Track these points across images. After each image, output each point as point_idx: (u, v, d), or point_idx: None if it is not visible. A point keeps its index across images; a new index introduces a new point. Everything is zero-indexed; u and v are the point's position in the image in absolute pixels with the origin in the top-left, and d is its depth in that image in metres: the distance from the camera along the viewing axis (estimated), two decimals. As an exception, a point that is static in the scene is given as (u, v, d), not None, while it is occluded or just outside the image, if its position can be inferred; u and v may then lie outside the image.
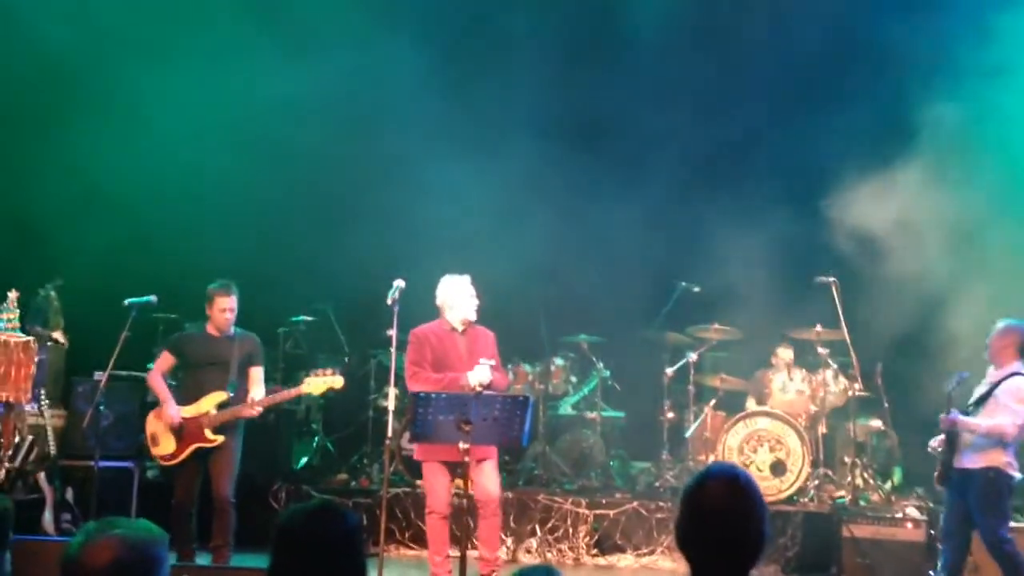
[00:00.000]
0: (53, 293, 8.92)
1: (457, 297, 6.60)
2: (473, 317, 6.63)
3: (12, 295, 8.18)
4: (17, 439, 7.85)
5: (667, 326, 9.26)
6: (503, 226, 9.74)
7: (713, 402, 9.13)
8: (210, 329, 6.85)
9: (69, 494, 7.86)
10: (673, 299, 9.26)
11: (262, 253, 9.70)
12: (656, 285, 9.55)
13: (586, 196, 10.15)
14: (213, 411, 6.65)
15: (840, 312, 8.42)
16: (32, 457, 7.87)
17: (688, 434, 9.11)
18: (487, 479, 6.38)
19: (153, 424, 6.79)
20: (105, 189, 9.41)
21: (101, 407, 6.93)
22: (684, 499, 2.75)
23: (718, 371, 9.30)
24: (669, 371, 9.13)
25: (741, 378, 9.29)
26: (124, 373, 7.70)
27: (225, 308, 6.76)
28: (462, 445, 5.35)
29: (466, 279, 6.71)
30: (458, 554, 5.42)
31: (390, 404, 6.99)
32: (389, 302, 6.43)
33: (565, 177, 10.12)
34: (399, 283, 6.47)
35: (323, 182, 9.86)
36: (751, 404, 9.00)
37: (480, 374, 6.35)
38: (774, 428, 8.38)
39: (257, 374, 6.88)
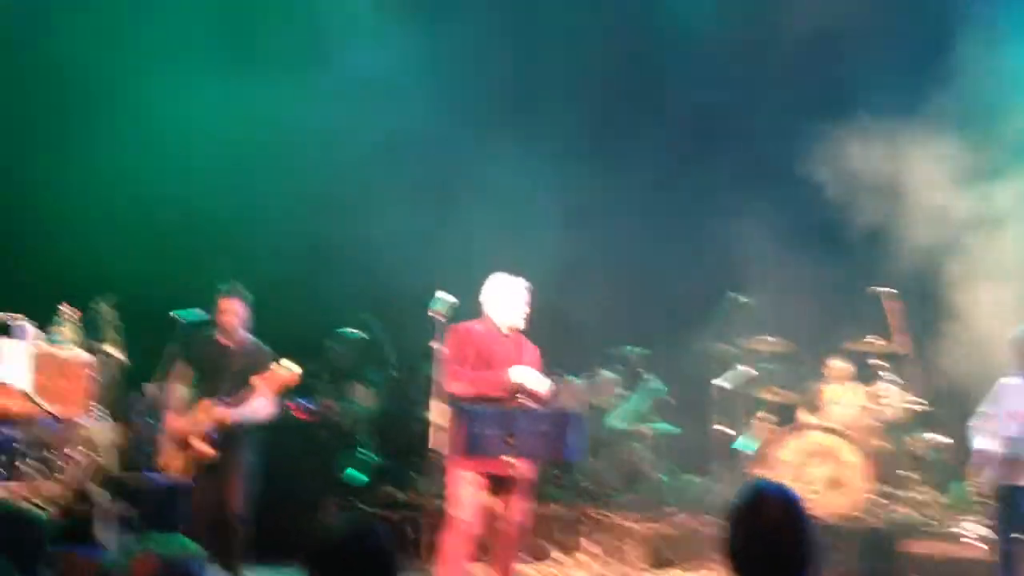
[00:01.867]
0: (107, 308, 9.04)
1: (508, 299, 6.14)
2: (521, 325, 6.16)
3: (67, 310, 8.33)
4: (74, 453, 7.98)
5: (716, 338, 9.15)
6: (551, 235, 9.73)
7: (765, 415, 8.99)
8: (219, 336, 6.73)
9: (125, 508, 7.94)
10: (722, 311, 9.15)
11: (308, 266, 9.79)
12: (705, 296, 9.44)
13: (634, 206, 10.12)
14: (202, 418, 6.47)
15: (896, 324, 8.27)
16: (89, 471, 8.00)
17: (740, 448, 8.97)
18: (522, 500, 6.00)
19: (160, 436, 6.70)
20: (153, 204, 9.58)
21: (150, 420, 6.94)
22: (736, 519, 2.69)
23: (769, 384, 9.16)
24: (719, 383, 9.01)
25: (793, 391, 9.14)
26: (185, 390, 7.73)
27: (224, 311, 6.64)
28: (510, 459, 5.33)
29: (520, 282, 6.21)
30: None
31: (434, 416, 6.94)
32: (441, 315, 6.19)
33: (614, 186, 10.10)
34: (442, 295, 6.24)
35: (368, 194, 9.90)
36: (804, 417, 8.85)
37: (524, 373, 5.92)
38: (829, 442, 8.22)
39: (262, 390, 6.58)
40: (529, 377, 5.93)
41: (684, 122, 10.13)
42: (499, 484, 5.72)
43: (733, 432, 9.12)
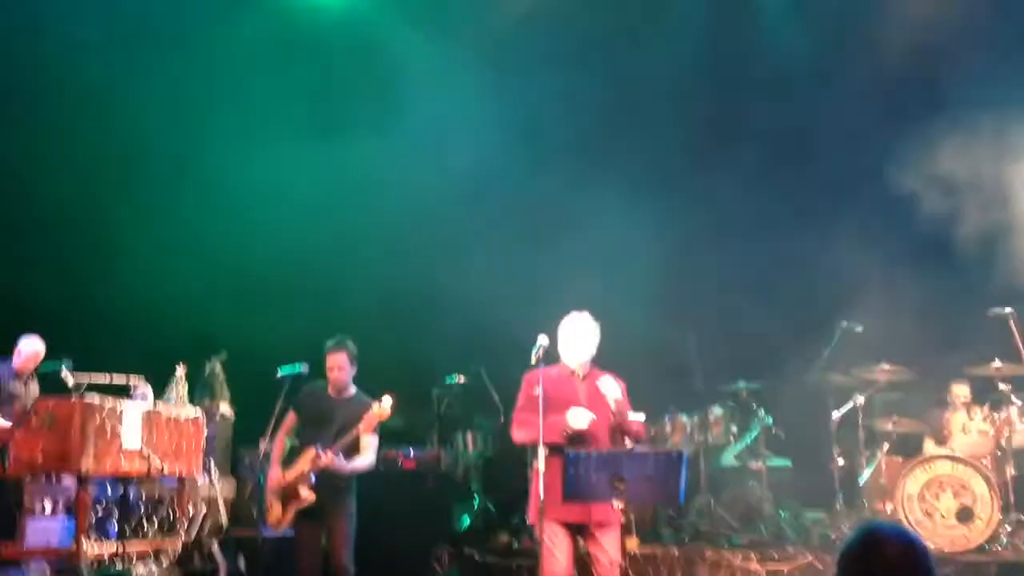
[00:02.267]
0: (218, 367, 9.28)
1: (567, 336, 5.95)
2: (583, 358, 5.95)
3: (180, 370, 8.58)
4: (192, 511, 8.15)
5: (830, 368, 8.84)
6: (655, 271, 9.63)
7: (887, 446, 8.63)
8: (329, 388, 6.77)
9: (241, 563, 8.07)
10: (835, 340, 8.84)
11: (413, 316, 9.86)
12: (816, 326, 9.16)
13: (740, 235, 9.94)
14: (306, 468, 6.49)
15: (1021, 345, 7.88)
16: (206, 528, 8.16)
17: (862, 481, 8.63)
18: (611, 550, 5.71)
19: (267, 491, 6.70)
20: (252, 264, 9.82)
21: (260, 477, 7.02)
22: (848, 563, 2.53)
23: (890, 413, 8.79)
24: (836, 415, 8.69)
25: (916, 420, 8.75)
26: (288, 443, 7.83)
27: (332, 367, 6.69)
28: (616, 504, 5.22)
29: (580, 316, 6.01)
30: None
31: (540, 464, 6.82)
32: (533, 360, 6.03)
33: (711, 219, 9.95)
34: (543, 340, 6.12)
35: (469, 239, 9.96)
36: (929, 447, 8.46)
37: (578, 418, 5.66)
38: (957, 472, 7.84)
39: (367, 439, 6.61)
40: (582, 422, 5.68)
41: (778, 147, 9.95)
42: (584, 532, 5.57)
43: (855, 466, 8.78)
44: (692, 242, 9.97)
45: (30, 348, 8.14)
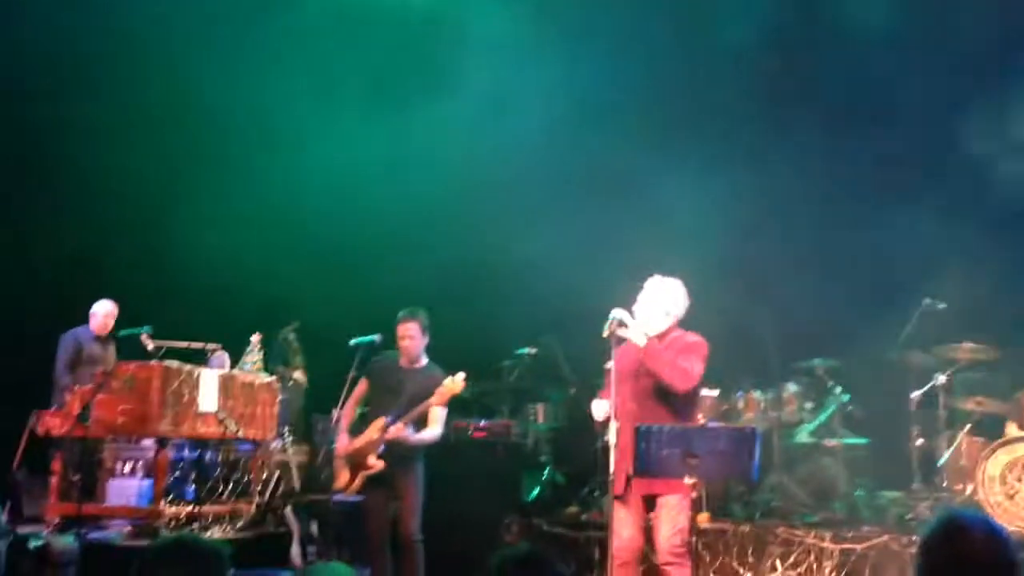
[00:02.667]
0: (292, 335, 9.41)
1: (636, 306, 5.81)
2: (649, 325, 5.70)
3: (255, 338, 8.73)
4: (265, 475, 8.31)
5: (911, 346, 8.62)
6: (730, 242, 9.49)
7: (968, 427, 8.39)
8: (400, 358, 6.82)
9: (314, 527, 8.18)
10: (916, 317, 8.61)
11: (485, 287, 9.86)
12: (896, 302, 8.93)
13: (817, 209, 9.74)
14: (375, 436, 6.57)
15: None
16: (279, 492, 8.31)
17: (941, 462, 8.42)
18: (659, 525, 5.55)
19: (336, 457, 6.79)
20: (330, 233, 9.89)
21: (332, 442, 7.11)
22: (928, 550, 2.45)
23: (973, 393, 8.53)
24: (916, 395, 8.48)
25: (1000, 400, 8.49)
26: (358, 411, 7.91)
27: (403, 335, 6.70)
28: (687, 480, 5.16)
29: (655, 281, 5.88)
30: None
31: (611, 437, 6.76)
32: (606, 334, 5.98)
33: (788, 192, 9.76)
34: (615, 313, 6.03)
35: (541, 209, 9.90)
36: (1012, 429, 8.20)
37: (596, 410, 5.69)
38: (1041, 455, 7.61)
39: (436, 411, 6.64)
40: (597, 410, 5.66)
41: (858, 115, 9.69)
42: (650, 503, 5.51)
43: (934, 446, 8.57)
44: (770, 213, 9.79)
45: (104, 309, 8.33)
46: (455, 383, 6.48)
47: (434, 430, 6.64)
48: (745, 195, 9.57)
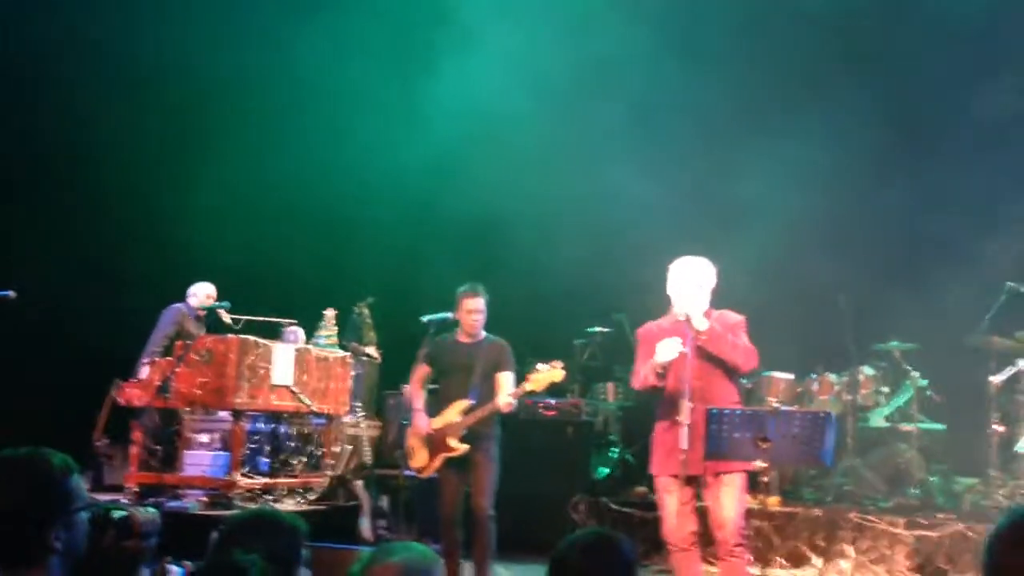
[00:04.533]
0: (366, 311, 9.51)
1: (674, 284, 5.57)
2: (690, 309, 5.42)
3: (329, 313, 8.84)
4: (338, 449, 8.43)
5: (992, 331, 8.41)
6: (808, 225, 9.35)
7: (1048, 415, 8.19)
8: (460, 336, 6.79)
9: (384, 502, 8.30)
10: (1000, 301, 8.39)
11: (557, 268, 9.85)
12: (979, 286, 8.71)
13: (901, 192, 9.53)
14: (457, 419, 6.56)
15: None
16: (351, 466, 8.43)
17: (1020, 448, 8.22)
18: (723, 504, 5.37)
19: (410, 437, 6.80)
20: (401, 213, 9.96)
21: (404, 420, 7.16)
22: (999, 547, 2.34)
23: (1054, 381, 8.33)
24: (996, 380, 8.28)
25: (1082, 388, 8.27)
26: (431, 387, 7.97)
27: (472, 310, 6.68)
28: (759, 464, 5.11)
29: (688, 260, 5.61)
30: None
31: (683, 417, 6.69)
32: (682, 318, 5.83)
33: (875, 171, 9.58)
34: (682, 307, 5.91)
35: (607, 184, 9.85)
36: (1096, 417, 8.00)
37: (664, 350, 5.33)
38: (1125, 444, 7.39)
39: (505, 379, 6.63)
40: (667, 355, 5.35)
41: (942, 99, 9.46)
42: (701, 483, 5.45)
43: (1014, 433, 8.36)
44: (851, 194, 9.62)
45: (206, 289, 8.49)
46: (554, 371, 6.51)
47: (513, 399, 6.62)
48: (827, 175, 9.40)
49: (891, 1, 9.88)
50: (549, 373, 6.50)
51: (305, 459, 8.14)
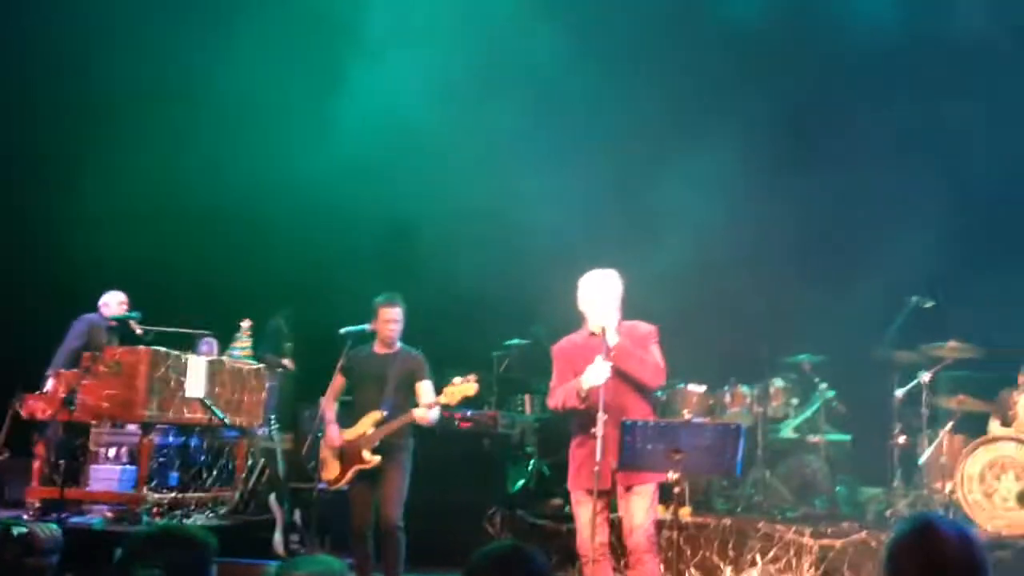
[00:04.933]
0: (283, 321, 9.40)
1: (585, 298, 5.59)
2: (605, 323, 5.43)
3: (245, 324, 8.72)
4: (250, 462, 8.31)
5: (897, 344, 8.67)
6: (720, 237, 9.52)
7: (950, 425, 8.45)
8: (376, 347, 6.77)
9: (297, 516, 8.18)
10: (904, 315, 8.65)
11: (476, 280, 9.87)
12: (884, 300, 8.97)
13: (807, 205, 9.77)
14: (370, 431, 6.53)
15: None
16: (263, 479, 8.31)
17: (922, 460, 8.48)
18: (634, 514, 5.43)
19: (323, 449, 6.74)
20: (321, 226, 9.88)
21: (319, 433, 7.09)
22: (906, 553, 2.45)
23: (956, 392, 8.60)
24: (900, 392, 8.53)
25: (983, 399, 8.55)
26: (346, 399, 7.91)
27: (389, 320, 6.66)
28: (672, 475, 5.16)
29: (598, 274, 5.60)
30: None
31: (598, 430, 6.76)
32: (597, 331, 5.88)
33: (785, 187, 9.80)
34: (599, 321, 5.94)
35: (530, 206, 9.92)
36: (995, 427, 8.27)
37: (591, 375, 5.33)
38: (1020, 455, 7.65)
39: (424, 388, 6.63)
40: (597, 377, 5.32)
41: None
42: (614, 496, 5.52)
43: (916, 443, 8.62)
44: (760, 209, 9.81)
45: (118, 298, 8.30)
46: (468, 385, 6.50)
47: (436, 409, 6.62)
48: (737, 187, 9.58)
49: (796, 23, 10.11)
50: (463, 387, 6.49)
51: (217, 473, 8.00)
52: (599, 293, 5.57)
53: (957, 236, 9.01)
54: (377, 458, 6.51)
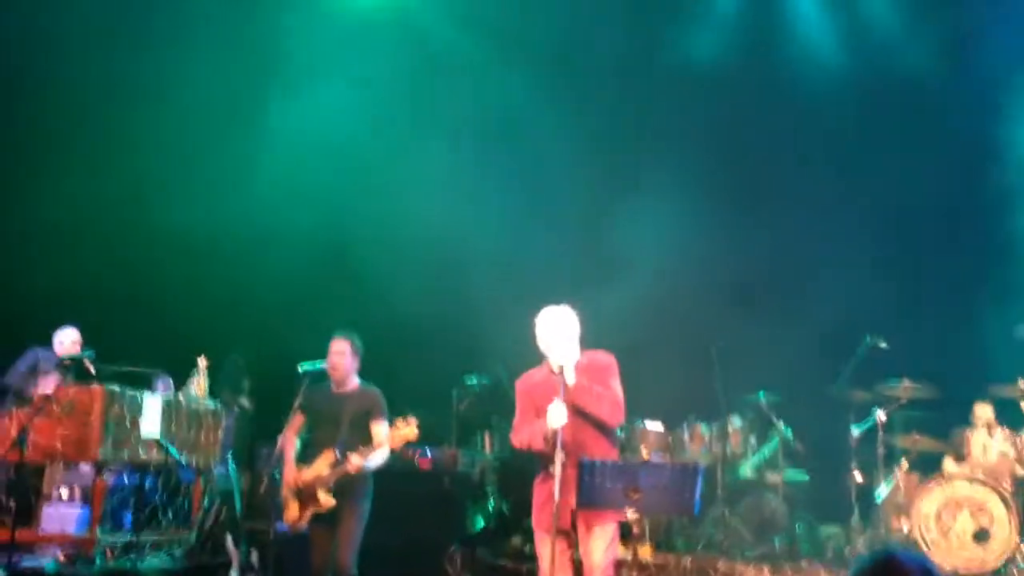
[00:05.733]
0: (240, 359, 9.32)
1: (543, 336, 5.53)
2: (563, 362, 5.41)
3: (202, 363, 8.61)
4: (206, 502, 8.20)
5: (852, 383, 8.77)
6: (677, 279, 9.60)
7: (905, 464, 8.56)
8: (333, 385, 6.70)
9: (254, 556, 8.07)
10: (858, 355, 8.76)
11: (435, 316, 9.86)
12: (840, 340, 9.08)
13: (760, 244, 9.90)
14: (325, 472, 6.42)
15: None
16: (220, 520, 8.19)
17: (879, 498, 8.56)
18: (592, 555, 5.39)
19: (283, 488, 6.64)
20: (279, 263, 9.85)
21: (276, 472, 7.00)
22: None
23: (910, 431, 8.71)
24: (856, 431, 8.63)
25: (937, 438, 8.67)
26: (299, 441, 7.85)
27: (334, 351, 6.60)
28: (631, 515, 5.17)
29: (552, 312, 5.56)
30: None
31: (556, 469, 6.73)
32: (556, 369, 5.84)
33: (742, 224, 9.92)
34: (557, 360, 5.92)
35: (495, 241, 9.96)
36: (949, 466, 8.39)
37: (553, 417, 5.28)
38: (975, 493, 7.75)
39: (376, 430, 6.52)
40: (559, 419, 5.27)
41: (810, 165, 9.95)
42: (574, 537, 5.51)
43: (873, 482, 8.70)
44: (719, 248, 9.93)
45: (72, 336, 8.20)
46: (409, 430, 6.36)
47: (383, 451, 6.48)
48: (694, 226, 9.69)
49: (745, 65, 10.31)
50: (404, 431, 6.35)
51: (172, 513, 7.88)
52: (555, 331, 5.54)
53: (907, 275, 9.17)
54: (332, 500, 6.40)
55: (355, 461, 6.33)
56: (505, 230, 9.91)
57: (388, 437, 6.39)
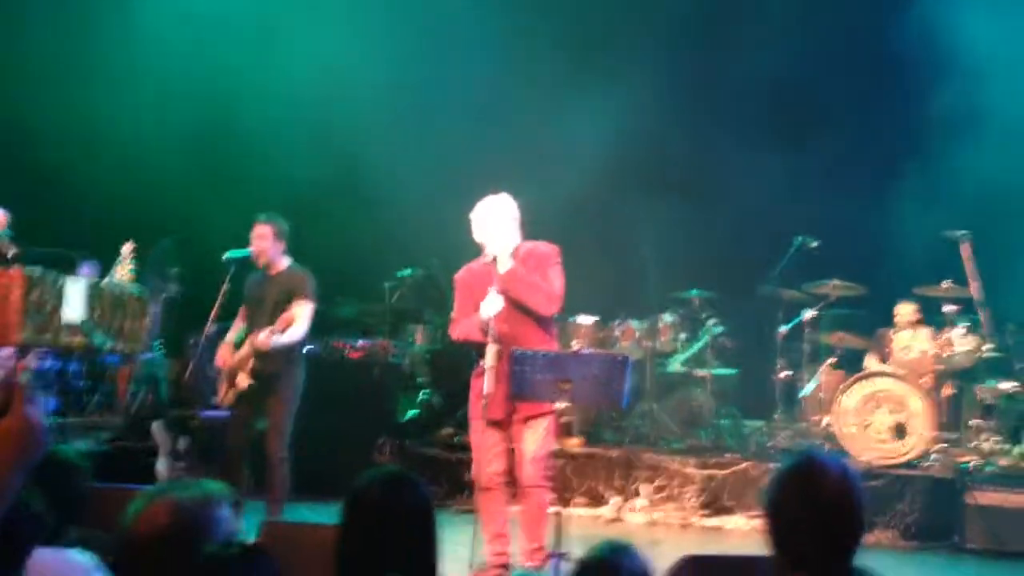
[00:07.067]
0: (169, 245, 9.12)
1: (479, 225, 5.49)
2: (498, 251, 5.39)
3: (127, 248, 8.39)
4: (133, 388, 8.11)
5: (783, 282, 8.89)
6: (609, 175, 9.55)
7: (831, 361, 8.76)
8: (265, 270, 6.62)
9: (182, 443, 8.03)
10: (790, 254, 8.87)
11: (370, 209, 9.73)
12: (772, 239, 9.17)
13: (698, 144, 9.88)
14: (246, 353, 6.38)
15: (970, 269, 7.98)
16: (147, 406, 8.12)
17: (803, 394, 8.77)
18: (526, 444, 5.40)
19: (218, 369, 6.62)
20: (212, 146, 9.57)
21: (207, 357, 6.93)
22: (784, 485, 2.51)
23: (836, 329, 8.90)
24: (784, 329, 8.78)
25: (861, 337, 8.88)
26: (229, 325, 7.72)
27: (254, 235, 6.52)
28: (559, 405, 5.19)
29: (488, 200, 5.51)
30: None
31: (488, 360, 6.73)
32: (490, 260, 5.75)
33: (678, 127, 9.86)
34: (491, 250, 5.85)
35: (427, 135, 9.79)
36: (872, 364, 8.60)
37: (487, 307, 5.27)
38: (895, 389, 7.94)
39: (297, 309, 6.32)
40: (493, 309, 5.27)
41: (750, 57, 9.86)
42: (508, 427, 5.54)
43: (798, 379, 8.90)
44: (650, 144, 9.86)
45: None
46: (262, 342, 6.23)
47: (296, 328, 6.33)
48: (626, 123, 9.58)
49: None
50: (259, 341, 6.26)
51: (98, 399, 7.78)
52: (490, 219, 5.48)
53: (843, 173, 9.24)
54: (247, 381, 6.36)
55: (262, 337, 6.25)
56: (440, 121, 9.75)
57: (304, 316, 6.28)
